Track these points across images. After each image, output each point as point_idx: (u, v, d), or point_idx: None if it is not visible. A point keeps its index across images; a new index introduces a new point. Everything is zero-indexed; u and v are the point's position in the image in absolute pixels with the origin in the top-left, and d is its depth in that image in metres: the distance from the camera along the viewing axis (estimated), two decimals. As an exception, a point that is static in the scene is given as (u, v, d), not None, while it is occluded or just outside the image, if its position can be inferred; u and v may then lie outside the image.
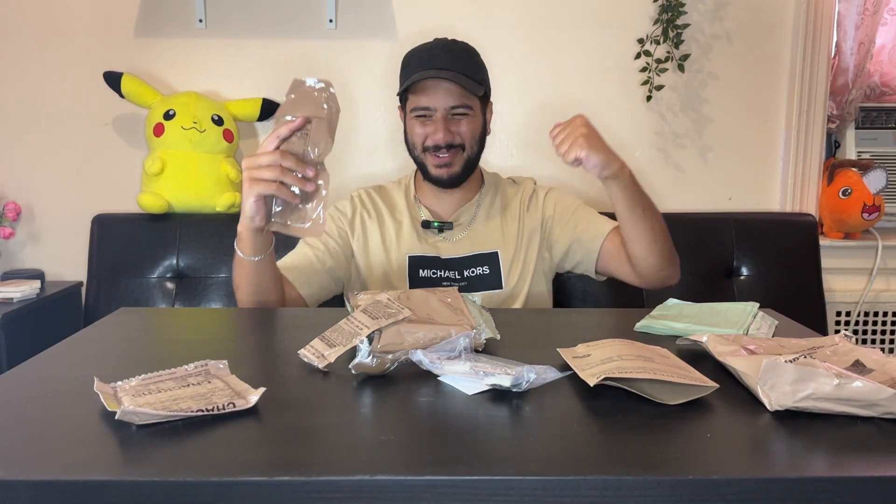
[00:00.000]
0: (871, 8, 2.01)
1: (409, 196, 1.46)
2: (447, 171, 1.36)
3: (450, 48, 1.36)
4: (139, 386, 0.70)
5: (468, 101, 1.34)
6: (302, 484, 0.54)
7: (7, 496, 0.54)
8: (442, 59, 1.32)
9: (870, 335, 2.11)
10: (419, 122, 1.35)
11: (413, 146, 1.39)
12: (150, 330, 1.04)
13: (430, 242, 1.41)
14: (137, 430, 0.62)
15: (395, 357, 0.78)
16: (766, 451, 0.62)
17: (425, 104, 1.33)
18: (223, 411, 0.65)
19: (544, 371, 0.72)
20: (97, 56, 1.91)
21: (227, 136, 1.87)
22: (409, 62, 1.37)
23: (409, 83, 1.32)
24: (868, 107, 2.14)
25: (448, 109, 1.33)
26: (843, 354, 0.79)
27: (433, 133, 1.33)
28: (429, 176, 1.39)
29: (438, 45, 1.36)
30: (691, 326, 0.96)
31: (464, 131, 1.35)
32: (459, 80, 1.30)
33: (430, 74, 1.30)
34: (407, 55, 1.39)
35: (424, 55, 1.34)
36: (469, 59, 1.37)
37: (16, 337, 1.66)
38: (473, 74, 1.34)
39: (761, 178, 2.05)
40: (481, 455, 0.59)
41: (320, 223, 0.96)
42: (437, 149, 1.34)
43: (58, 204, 1.97)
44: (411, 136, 1.38)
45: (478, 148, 1.39)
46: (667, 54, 1.93)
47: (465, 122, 1.35)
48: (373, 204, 1.45)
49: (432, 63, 1.32)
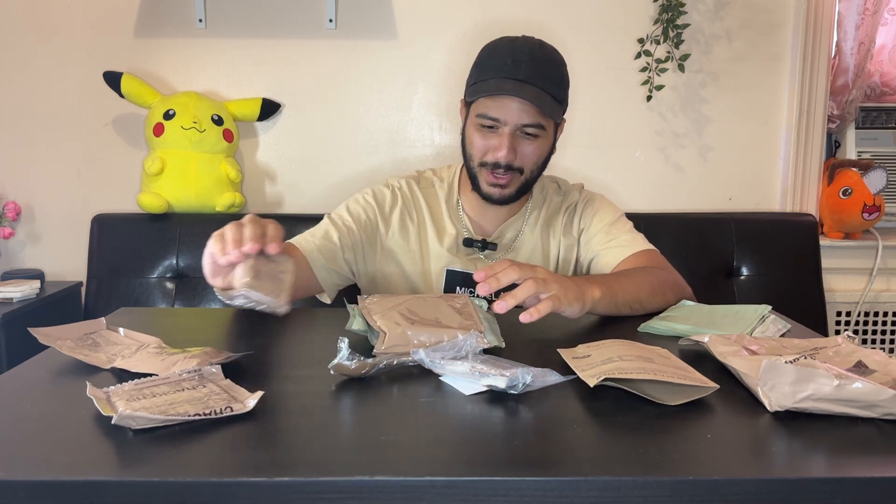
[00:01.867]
0: (872, 8, 2.01)
1: (452, 200, 1.33)
2: (500, 192, 1.23)
3: (536, 55, 1.18)
4: (132, 391, 0.69)
5: (542, 121, 1.19)
6: (301, 484, 0.54)
7: (7, 496, 0.54)
8: (525, 69, 1.16)
9: (870, 335, 2.11)
10: (482, 132, 1.21)
11: (470, 157, 1.25)
12: (150, 330, 1.04)
13: (471, 258, 1.30)
14: (134, 434, 0.62)
15: (376, 362, 0.77)
16: (766, 451, 0.62)
17: (494, 115, 1.18)
18: (221, 415, 0.65)
19: (543, 374, 0.72)
20: (97, 56, 1.91)
21: (226, 136, 1.87)
22: (488, 60, 1.21)
23: (485, 94, 1.17)
24: (868, 107, 2.14)
25: (518, 127, 1.18)
26: (845, 355, 0.79)
27: (496, 149, 1.19)
28: (479, 190, 1.25)
29: (524, 49, 1.18)
30: (693, 327, 0.96)
31: (528, 154, 1.21)
32: (541, 100, 1.16)
33: (510, 89, 1.15)
34: (487, 50, 1.24)
35: (506, 58, 1.18)
36: (555, 72, 1.21)
37: (16, 337, 1.66)
38: (556, 92, 1.20)
39: (761, 178, 2.05)
40: (481, 455, 0.59)
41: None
42: (497, 167, 1.20)
43: (58, 204, 1.97)
44: (469, 145, 1.24)
45: (538, 171, 1.26)
46: (667, 54, 1.93)
47: (533, 144, 1.20)
48: (414, 202, 1.33)
49: (514, 71, 1.16)
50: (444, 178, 1.37)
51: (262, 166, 2.00)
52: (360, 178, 1.96)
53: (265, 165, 2.00)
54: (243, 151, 1.99)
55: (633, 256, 1.25)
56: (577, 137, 1.99)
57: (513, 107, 1.17)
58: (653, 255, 1.27)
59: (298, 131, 1.98)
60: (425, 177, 1.37)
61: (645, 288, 1.11)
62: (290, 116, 1.98)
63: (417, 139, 1.98)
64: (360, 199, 1.32)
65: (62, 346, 0.85)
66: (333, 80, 1.96)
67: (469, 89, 1.24)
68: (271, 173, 2.00)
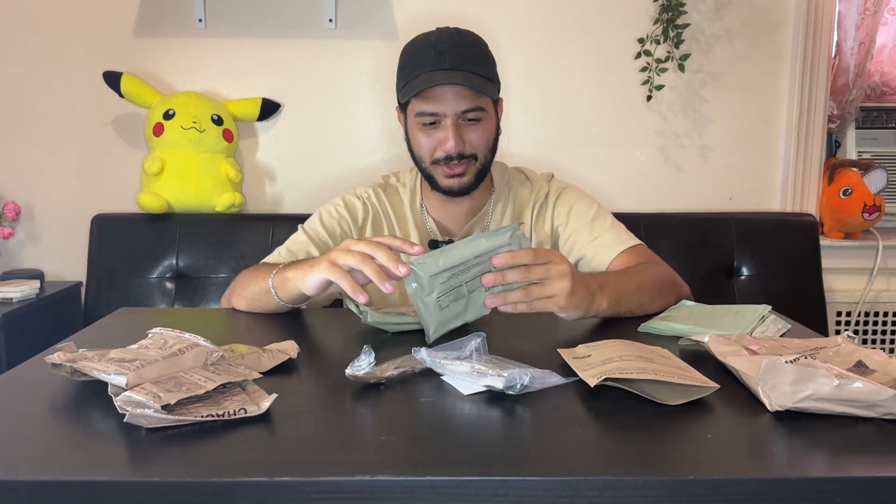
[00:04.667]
0: (872, 8, 2.01)
1: (416, 203, 1.33)
2: (458, 182, 1.23)
3: (455, 41, 1.19)
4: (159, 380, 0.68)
5: (480, 103, 1.19)
6: (302, 484, 0.54)
7: (7, 496, 0.54)
8: (449, 58, 1.16)
9: (870, 335, 2.11)
10: (425, 131, 1.21)
11: (420, 159, 1.25)
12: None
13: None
14: (147, 433, 0.62)
15: (382, 370, 0.77)
16: (766, 451, 0.62)
17: (433, 110, 1.18)
18: (234, 417, 0.64)
19: (543, 375, 0.72)
20: (97, 56, 1.91)
21: (226, 136, 1.87)
22: (411, 60, 1.21)
23: (416, 91, 1.16)
24: (868, 107, 2.14)
25: (459, 115, 1.18)
26: (845, 355, 0.79)
27: (443, 142, 1.19)
28: (438, 187, 1.25)
29: (442, 38, 1.19)
30: (694, 327, 0.96)
31: (476, 139, 1.21)
32: (472, 81, 1.15)
33: (440, 79, 1.15)
34: (407, 50, 1.24)
35: (428, 52, 1.18)
36: (478, 53, 1.22)
37: (16, 337, 1.66)
38: (484, 72, 1.20)
39: (761, 178, 2.05)
40: (481, 455, 0.59)
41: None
42: (449, 159, 1.20)
43: (57, 204, 1.97)
44: (417, 147, 1.24)
45: (491, 155, 1.26)
46: (667, 54, 1.93)
47: (478, 128, 1.21)
48: (383, 212, 1.33)
49: (439, 62, 1.16)
50: (406, 182, 1.36)
51: (262, 166, 2.00)
52: (359, 178, 1.96)
53: (265, 165, 2.00)
54: (243, 151, 1.99)
55: (623, 255, 1.22)
56: (577, 137, 1.99)
57: (448, 96, 1.17)
58: (641, 250, 1.25)
59: (298, 131, 1.98)
60: (390, 184, 1.37)
61: (647, 292, 1.10)
62: (290, 116, 1.98)
63: (417, 139, 1.97)
64: (333, 211, 1.31)
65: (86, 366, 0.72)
66: (333, 80, 1.96)
67: (400, 93, 1.23)
68: (271, 173, 2.00)
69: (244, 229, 1.84)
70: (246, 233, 1.84)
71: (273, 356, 0.81)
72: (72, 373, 0.73)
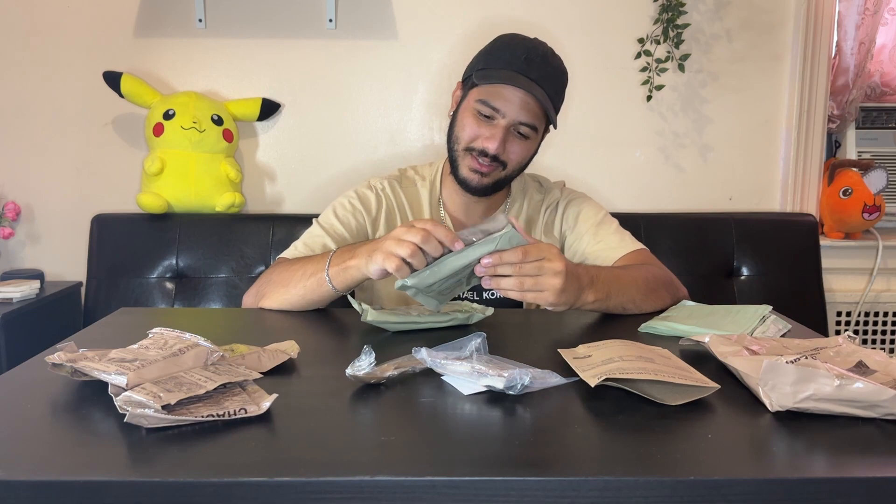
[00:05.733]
0: (872, 8, 2.01)
1: (434, 197, 1.34)
2: (479, 180, 1.23)
3: (547, 61, 1.21)
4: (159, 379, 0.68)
5: (537, 123, 1.21)
6: (302, 484, 0.54)
7: (7, 496, 0.54)
8: (537, 70, 1.18)
9: (870, 335, 2.11)
10: (477, 118, 1.21)
11: (456, 139, 1.24)
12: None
13: None
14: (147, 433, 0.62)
15: (382, 370, 0.77)
16: (767, 451, 0.62)
17: (497, 106, 1.18)
18: (234, 417, 0.64)
19: (544, 375, 0.72)
20: (97, 56, 1.91)
21: (226, 136, 1.87)
22: (502, 53, 1.21)
23: (494, 81, 1.18)
24: (868, 107, 2.14)
25: (515, 123, 1.19)
26: (846, 355, 0.79)
27: (487, 139, 1.19)
28: (457, 174, 1.26)
29: (537, 51, 1.21)
30: (694, 327, 0.96)
31: (515, 152, 1.22)
32: (545, 104, 1.18)
33: (521, 83, 1.16)
34: (501, 41, 1.24)
35: (519, 54, 1.19)
36: (559, 81, 1.24)
37: (16, 337, 1.66)
38: (557, 101, 1.23)
39: (761, 178, 2.05)
40: (481, 456, 0.59)
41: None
42: (483, 154, 1.20)
43: (57, 204, 1.97)
44: (460, 128, 1.23)
45: (517, 172, 1.28)
46: (667, 54, 1.93)
47: (523, 144, 1.22)
48: (397, 203, 1.33)
49: (527, 69, 1.17)
50: (426, 175, 1.37)
51: (262, 166, 2.00)
52: (360, 178, 1.93)
53: (265, 165, 2.00)
54: (243, 151, 1.99)
55: (625, 258, 1.25)
56: (577, 137, 1.99)
57: (516, 101, 1.18)
58: (643, 254, 1.27)
59: (298, 131, 1.98)
60: (407, 176, 1.38)
61: (641, 288, 1.12)
62: (290, 116, 1.97)
63: (417, 139, 1.97)
64: (347, 203, 1.32)
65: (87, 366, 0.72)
66: (333, 80, 1.96)
67: (476, 73, 1.22)
68: (271, 173, 2.00)
69: (244, 229, 1.84)
70: (246, 233, 1.84)
71: (273, 356, 0.81)
72: (72, 373, 0.73)
